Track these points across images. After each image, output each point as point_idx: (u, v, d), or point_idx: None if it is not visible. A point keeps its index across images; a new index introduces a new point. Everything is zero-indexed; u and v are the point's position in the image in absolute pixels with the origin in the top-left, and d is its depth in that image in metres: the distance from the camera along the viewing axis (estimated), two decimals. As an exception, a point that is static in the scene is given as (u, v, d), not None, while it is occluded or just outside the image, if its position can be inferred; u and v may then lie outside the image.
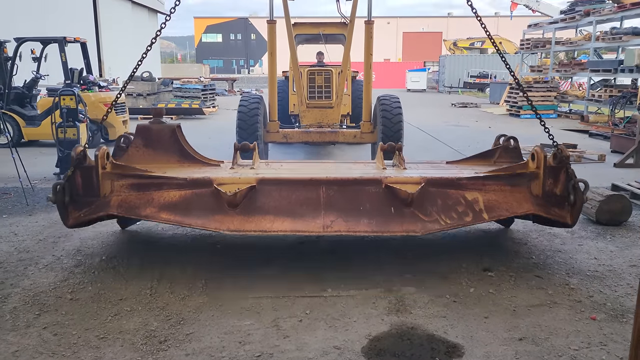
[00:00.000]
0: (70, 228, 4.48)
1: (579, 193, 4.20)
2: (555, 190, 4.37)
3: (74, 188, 4.29)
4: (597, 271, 4.38)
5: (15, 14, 17.17)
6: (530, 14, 30.24)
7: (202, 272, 4.27)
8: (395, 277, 4.22)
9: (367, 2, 9.45)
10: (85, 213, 4.28)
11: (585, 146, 10.66)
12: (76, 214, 4.28)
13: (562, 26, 20.14)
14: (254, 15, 74.43)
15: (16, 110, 10.94)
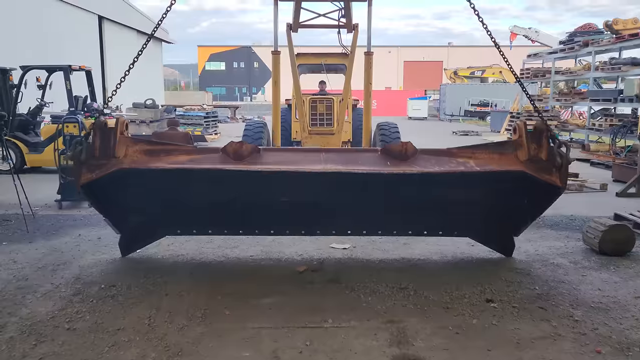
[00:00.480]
0: (80, 189, 4.50)
1: (564, 155, 4.52)
2: (541, 155, 4.61)
3: (90, 150, 4.44)
4: (602, 303, 4.32)
5: (22, 41, 17.44)
6: (529, 44, 30.65)
7: (201, 302, 4.23)
8: (397, 308, 4.17)
9: (367, 34, 9.69)
10: (97, 173, 4.40)
11: (586, 175, 10.65)
12: (89, 175, 4.40)
13: (561, 56, 20.36)
14: (257, 44, 75.52)
15: (20, 137, 11.01)
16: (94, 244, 5.89)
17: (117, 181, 4.56)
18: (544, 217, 7.28)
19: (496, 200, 5.08)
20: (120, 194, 4.84)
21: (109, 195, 4.76)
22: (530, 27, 29.01)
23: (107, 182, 4.49)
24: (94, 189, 4.57)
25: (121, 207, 5.03)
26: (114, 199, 4.86)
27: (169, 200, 5.06)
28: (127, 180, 4.65)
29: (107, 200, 4.84)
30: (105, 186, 4.58)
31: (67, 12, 21.56)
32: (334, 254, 5.57)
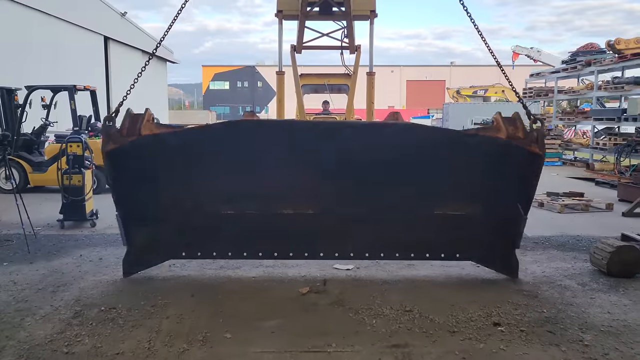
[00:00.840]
0: (105, 154, 5.01)
1: (538, 129, 5.08)
2: (518, 134, 5.08)
3: (120, 130, 5.03)
4: (612, 326, 4.23)
5: (27, 61, 17.61)
6: (532, 64, 30.79)
7: (202, 325, 4.15)
8: (402, 331, 4.08)
9: (369, 55, 9.86)
10: (122, 142, 5.00)
11: (592, 194, 10.57)
12: (113, 145, 5.00)
13: (563, 75, 20.42)
14: (260, 63, 76.18)
15: (23, 157, 11.04)
16: (95, 264, 5.84)
17: (136, 151, 5.03)
18: (550, 237, 7.24)
19: (484, 176, 5.23)
20: (137, 169, 5.13)
21: (127, 168, 5.11)
22: (532, 47, 29.16)
23: (128, 150, 5.01)
24: (116, 157, 5.04)
25: (134, 189, 5.19)
26: (131, 174, 5.14)
27: (178, 191, 5.28)
28: (145, 152, 5.06)
29: (124, 175, 5.14)
30: (126, 157, 5.05)
31: (74, 34, 21.81)
32: (338, 275, 5.50)
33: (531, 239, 7.18)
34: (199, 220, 5.32)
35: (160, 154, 5.15)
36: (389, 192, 5.29)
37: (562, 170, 16.62)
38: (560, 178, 14.53)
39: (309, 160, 5.25)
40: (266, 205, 5.31)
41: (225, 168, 5.28)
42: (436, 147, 5.26)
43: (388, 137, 5.27)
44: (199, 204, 5.31)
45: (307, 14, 9.61)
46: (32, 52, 18.20)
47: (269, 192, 5.28)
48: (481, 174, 5.26)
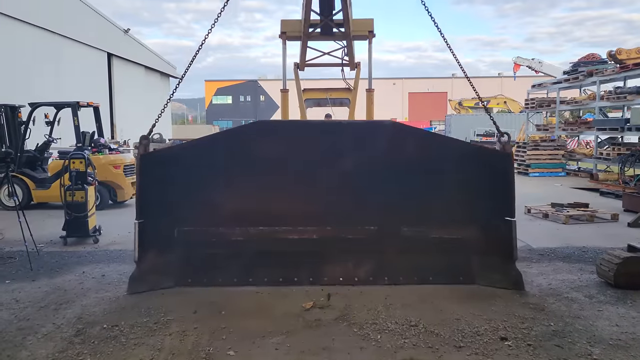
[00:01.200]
0: (139, 158, 5.53)
1: (505, 144, 5.59)
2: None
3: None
4: (620, 340, 4.16)
5: (31, 78, 17.75)
6: (533, 75, 30.88)
7: (204, 342, 4.11)
8: (407, 347, 4.03)
9: (368, 72, 10.40)
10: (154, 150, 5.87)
11: (597, 205, 10.51)
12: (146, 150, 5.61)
13: (565, 86, 20.43)
14: (262, 77, 76.63)
15: (27, 173, 11.06)
16: (98, 281, 5.81)
17: (166, 160, 5.67)
18: (555, 249, 7.18)
19: (467, 177, 5.68)
20: (163, 179, 5.56)
21: (155, 175, 5.55)
22: (533, 58, 29.30)
23: (159, 158, 5.72)
24: (146, 162, 5.51)
25: (156, 200, 5.56)
26: (157, 182, 5.55)
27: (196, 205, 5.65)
28: (174, 162, 5.64)
29: (151, 180, 5.53)
30: (156, 163, 5.60)
31: (78, 50, 22.02)
32: (341, 290, 5.44)
33: (536, 250, 7.12)
34: (205, 247, 5.63)
35: (178, 175, 5.59)
36: (387, 215, 5.74)
37: (566, 181, 16.56)
38: (564, 189, 14.47)
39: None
40: (272, 230, 5.67)
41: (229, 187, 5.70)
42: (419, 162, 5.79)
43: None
44: (206, 229, 5.65)
45: (309, 35, 10.11)
46: (35, 69, 18.36)
47: (276, 216, 5.69)
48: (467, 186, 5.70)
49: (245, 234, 5.66)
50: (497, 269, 5.52)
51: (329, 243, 5.68)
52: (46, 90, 17.11)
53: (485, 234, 5.60)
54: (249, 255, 5.61)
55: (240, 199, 5.67)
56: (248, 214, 5.67)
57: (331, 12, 9.67)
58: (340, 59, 10.95)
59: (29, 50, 18.08)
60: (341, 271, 5.62)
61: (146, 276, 5.46)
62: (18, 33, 17.55)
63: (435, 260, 5.60)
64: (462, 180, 5.69)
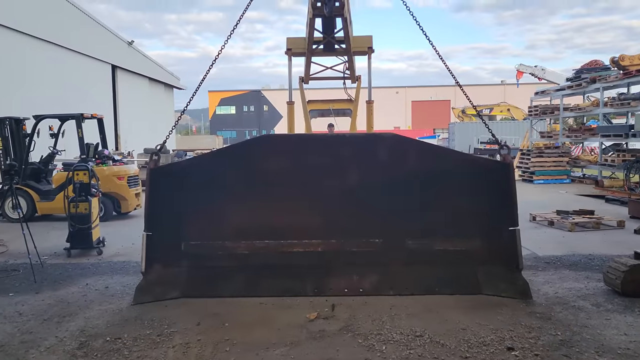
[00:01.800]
0: (149, 172, 5.64)
1: (505, 155, 5.73)
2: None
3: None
4: (629, 349, 4.10)
5: (36, 90, 17.86)
6: (536, 82, 30.86)
7: (207, 354, 4.08)
8: (413, 358, 3.98)
9: (368, 84, 11.19)
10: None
11: (602, 212, 10.43)
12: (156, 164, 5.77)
13: (569, 93, 20.40)
14: (266, 87, 76.91)
15: (31, 185, 11.09)
16: (101, 293, 5.79)
17: (175, 174, 5.85)
18: (561, 257, 7.12)
19: (469, 188, 5.75)
20: (171, 192, 5.68)
21: (163, 188, 5.67)
22: (536, 65, 29.29)
23: (168, 172, 5.86)
24: (156, 176, 5.66)
25: (162, 213, 5.66)
26: (166, 196, 5.67)
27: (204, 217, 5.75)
28: (182, 176, 5.81)
29: (160, 194, 5.65)
30: (165, 177, 5.74)
31: (82, 63, 22.15)
32: (346, 300, 5.41)
33: (542, 258, 7.07)
34: (211, 260, 5.69)
35: (187, 186, 5.73)
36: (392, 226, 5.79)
37: (571, 188, 16.48)
38: (569, 196, 14.40)
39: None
40: (278, 243, 5.73)
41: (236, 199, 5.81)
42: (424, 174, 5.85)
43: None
44: (212, 243, 5.74)
45: (312, 51, 10.96)
46: (40, 81, 18.47)
47: (281, 229, 5.75)
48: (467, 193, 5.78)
49: (251, 248, 5.72)
50: (503, 278, 5.52)
51: (333, 256, 5.71)
52: (50, 103, 17.19)
53: (490, 244, 5.64)
54: (255, 268, 5.67)
55: (246, 213, 5.76)
56: (254, 227, 5.75)
57: (333, 31, 10.39)
58: (342, 72, 11.76)
59: (33, 63, 18.21)
60: (346, 283, 5.61)
61: (152, 287, 5.50)
62: (22, 46, 17.69)
63: (440, 271, 5.62)
64: (464, 192, 5.76)
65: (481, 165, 6.03)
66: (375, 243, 5.75)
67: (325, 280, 5.64)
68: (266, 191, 5.77)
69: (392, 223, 5.76)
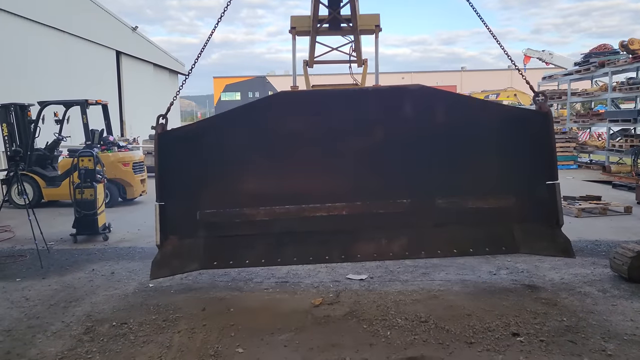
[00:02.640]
0: (157, 137, 5.29)
1: (542, 104, 5.40)
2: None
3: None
4: (635, 335, 4.08)
5: (40, 77, 17.84)
6: (544, 67, 30.53)
7: (213, 339, 4.09)
8: (417, 343, 3.98)
9: (375, 67, 10.67)
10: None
11: (609, 198, 10.36)
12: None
13: (577, 77, 20.15)
14: (271, 73, 76.59)
15: (37, 172, 11.13)
16: (107, 279, 5.82)
17: (186, 138, 5.37)
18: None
19: (504, 142, 5.38)
20: (183, 158, 5.30)
21: (174, 154, 5.29)
22: (544, 50, 28.94)
23: (178, 136, 5.43)
24: (165, 141, 5.28)
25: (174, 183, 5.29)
26: (177, 162, 5.30)
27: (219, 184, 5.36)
28: (194, 140, 5.31)
29: (171, 160, 5.28)
30: (175, 142, 5.32)
31: (86, 49, 22.08)
32: (351, 286, 5.41)
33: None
34: (230, 228, 5.32)
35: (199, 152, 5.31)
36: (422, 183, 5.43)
37: (578, 174, 16.36)
38: (576, 181, 14.29)
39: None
40: (299, 208, 5.33)
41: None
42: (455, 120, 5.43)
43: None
44: (230, 210, 5.33)
45: (317, 30, 10.48)
46: (44, 68, 18.44)
47: (302, 193, 5.37)
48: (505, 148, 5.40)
49: (271, 214, 5.32)
50: (542, 236, 5.31)
51: (359, 219, 5.36)
52: (55, 89, 17.18)
53: (527, 200, 5.33)
54: (276, 236, 5.34)
55: (264, 177, 5.38)
56: (273, 192, 5.35)
57: (339, 5, 9.90)
58: (348, 54, 11.26)
59: (37, 49, 18.16)
60: (374, 247, 5.39)
61: (169, 260, 5.22)
62: (27, 32, 17.64)
63: (474, 231, 5.35)
64: (497, 145, 5.39)
65: (516, 116, 5.62)
66: (403, 204, 5.37)
67: (352, 245, 5.40)
68: (284, 152, 5.39)
69: (420, 181, 5.40)
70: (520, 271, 5.80)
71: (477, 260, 6.16)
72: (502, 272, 5.79)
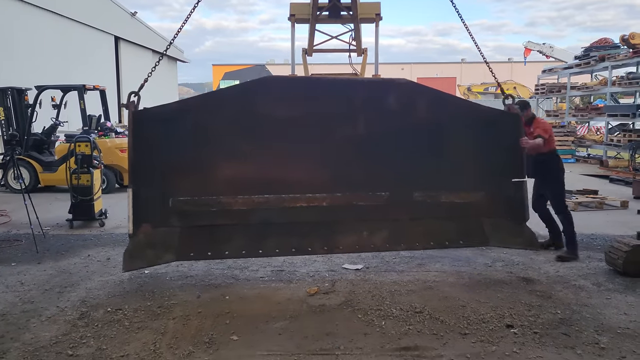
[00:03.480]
0: (131, 116, 5.03)
1: (510, 106, 5.84)
2: None
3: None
4: (629, 328, 4.10)
5: (38, 61, 17.71)
6: (544, 60, 30.44)
7: (207, 326, 4.10)
8: (412, 333, 3.99)
9: (374, 57, 10.57)
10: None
11: (606, 192, 10.37)
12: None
13: (577, 71, 20.12)
14: (271, 62, 76.20)
15: (34, 156, 11.07)
16: (103, 264, 5.81)
17: (162, 119, 5.08)
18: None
19: (476, 139, 5.61)
20: (158, 140, 5.02)
21: (149, 135, 5.00)
22: (544, 43, 28.83)
23: (154, 116, 5.09)
24: (139, 120, 5.01)
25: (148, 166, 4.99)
26: (152, 144, 5.00)
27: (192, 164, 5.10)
28: (171, 121, 5.06)
29: (145, 142, 4.97)
30: (150, 122, 5.05)
31: (85, 34, 21.92)
32: (346, 275, 5.42)
33: (544, 237, 7.03)
34: (207, 217, 5.10)
35: (173, 129, 5.05)
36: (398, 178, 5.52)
37: (575, 168, 16.37)
38: (573, 175, 14.30)
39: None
40: (278, 198, 5.21)
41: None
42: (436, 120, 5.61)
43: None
44: (207, 198, 5.10)
45: (317, 18, 10.36)
46: (42, 52, 18.30)
47: (282, 181, 5.24)
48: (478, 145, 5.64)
49: (250, 203, 5.14)
50: (509, 230, 5.64)
51: (341, 210, 5.35)
52: (53, 73, 17.06)
53: (496, 196, 5.61)
54: (256, 226, 5.19)
55: (243, 164, 5.19)
56: (251, 180, 5.18)
57: None
58: (348, 43, 11.14)
59: (35, 33, 18.01)
60: (356, 239, 5.42)
61: (143, 251, 4.95)
62: (25, 15, 17.48)
63: (448, 225, 5.56)
64: (469, 142, 5.61)
65: (488, 116, 5.81)
66: (382, 196, 5.43)
67: (334, 237, 5.38)
68: (266, 139, 5.21)
69: (399, 175, 5.48)
70: (516, 264, 5.81)
71: (473, 252, 6.17)
72: (498, 264, 5.80)
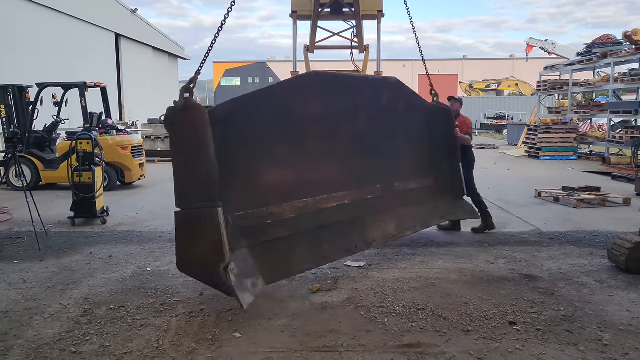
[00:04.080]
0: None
1: (437, 103, 6.97)
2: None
3: None
4: (632, 325, 4.09)
5: (39, 58, 17.71)
6: (546, 56, 30.36)
7: (210, 323, 4.10)
8: (414, 330, 3.99)
9: (376, 54, 10.53)
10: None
11: (608, 189, 10.36)
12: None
13: (579, 68, 20.07)
14: (272, 59, 76.13)
15: (35, 154, 11.08)
16: (105, 262, 5.81)
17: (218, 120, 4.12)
18: (566, 233, 7.09)
19: (424, 131, 6.66)
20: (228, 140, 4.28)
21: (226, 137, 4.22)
22: (546, 39, 28.76)
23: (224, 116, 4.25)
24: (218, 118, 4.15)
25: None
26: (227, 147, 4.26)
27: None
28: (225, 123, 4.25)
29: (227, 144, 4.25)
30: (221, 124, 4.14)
31: (85, 31, 21.90)
32: (349, 273, 5.41)
33: (547, 234, 7.04)
34: (267, 229, 4.65)
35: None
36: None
37: (578, 165, 16.35)
38: (575, 172, 14.30)
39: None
40: (315, 200, 5.13)
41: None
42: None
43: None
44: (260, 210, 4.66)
45: (319, 14, 10.42)
46: (43, 49, 18.29)
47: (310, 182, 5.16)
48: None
49: (295, 210, 4.82)
50: (456, 205, 6.78)
51: (359, 205, 5.55)
52: (54, 71, 17.06)
53: (441, 179, 6.73)
54: (308, 232, 4.88)
55: (284, 168, 4.90)
56: (289, 184, 4.91)
57: None
58: (350, 40, 11.11)
59: (36, 31, 18.00)
60: (381, 232, 5.68)
61: (243, 282, 4.08)
62: (25, 13, 17.47)
63: (420, 208, 6.32)
64: (423, 135, 6.62)
65: (431, 111, 6.79)
66: (379, 188, 5.92)
67: (365, 232, 5.49)
68: (295, 139, 4.97)
69: (384, 168, 6.03)
70: (518, 260, 5.81)
71: (475, 249, 6.17)
72: (500, 261, 5.79)
